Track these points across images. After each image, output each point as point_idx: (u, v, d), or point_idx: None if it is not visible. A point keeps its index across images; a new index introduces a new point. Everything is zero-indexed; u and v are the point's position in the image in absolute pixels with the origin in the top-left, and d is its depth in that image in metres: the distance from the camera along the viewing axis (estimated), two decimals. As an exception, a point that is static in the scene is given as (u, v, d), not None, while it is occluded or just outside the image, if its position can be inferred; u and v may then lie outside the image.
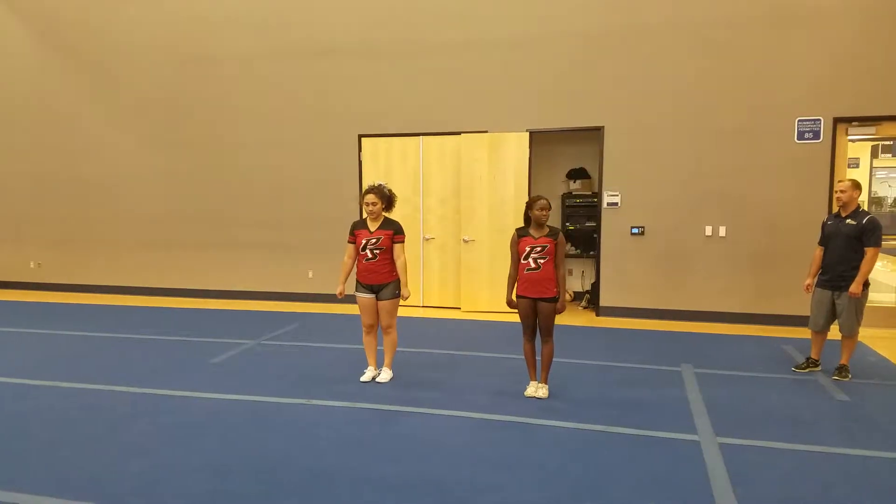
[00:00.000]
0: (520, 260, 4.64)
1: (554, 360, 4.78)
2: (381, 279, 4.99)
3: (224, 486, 3.35)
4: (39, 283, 10.13)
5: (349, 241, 5.10)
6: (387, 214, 5.08)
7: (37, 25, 9.63)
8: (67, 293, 9.83)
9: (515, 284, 4.73)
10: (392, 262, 5.02)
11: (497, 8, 7.90)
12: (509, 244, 4.76)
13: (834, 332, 5.37)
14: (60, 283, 10.01)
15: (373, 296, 5.01)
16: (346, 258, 5.15)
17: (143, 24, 9.14)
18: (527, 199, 5.78)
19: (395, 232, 5.01)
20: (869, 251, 5.01)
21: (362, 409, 4.51)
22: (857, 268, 5.03)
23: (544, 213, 4.60)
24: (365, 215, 5.08)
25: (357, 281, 5.07)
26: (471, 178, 8.04)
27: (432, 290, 8.54)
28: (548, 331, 4.63)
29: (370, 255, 4.97)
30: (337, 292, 5.11)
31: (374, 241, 4.95)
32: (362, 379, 5.11)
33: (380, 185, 5.06)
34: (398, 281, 5.04)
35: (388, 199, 5.04)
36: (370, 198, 4.95)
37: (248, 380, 5.24)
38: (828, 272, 5.22)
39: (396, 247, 5.01)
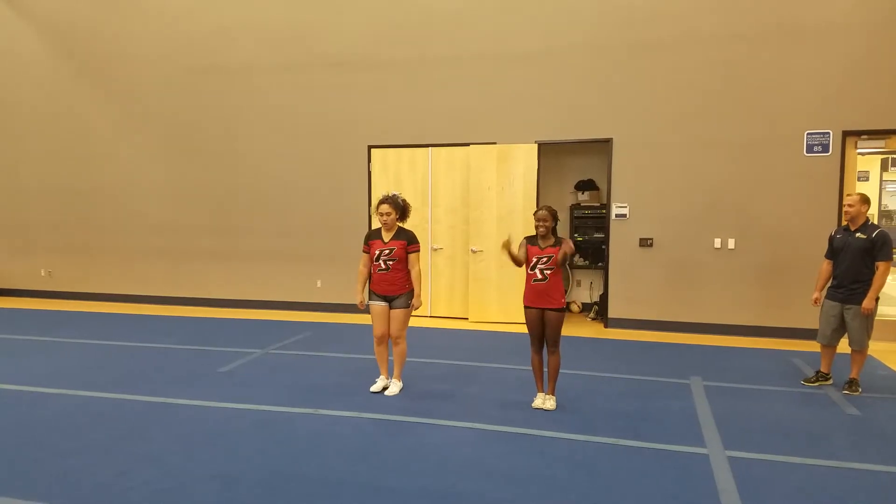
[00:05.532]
0: (527, 270, 4.66)
1: (562, 371, 4.78)
2: (395, 290, 4.98)
3: (233, 496, 3.36)
4: (50, 292, 10.21)
5: (364, 251, 5.11)
6: (401, 224, 5.07)
7: (50, 36, 9.76)
8: (77, 301, 9.90)
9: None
10: (405, 273, 5.00)
11: (507, 22, 7.95)
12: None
13: (843, 346, 5.35)
14: (70, 292, 10.09)
15: (386, 303, 5.02)
16: (361, 266, 5.15)
17: (156, 36, 9.25)
18: (534, 209, 5.76)
19: (408, 242, 4.98)
20: (881, 265, 5.00)
21: (370, 420, 4.51)
22: (868, 282, 5.02)
23: (541, 224, 4.57)
24: (378, 225, 5.07)
25: (370, 290, 5.08)
26: (479, 189, 8.07)
27: (440, 301, 8.55)
28: (555, 341, 4.63)
29: (383, 266, 4.96)
30: (357, 302, 5.10)
31: (387, 251, 4.94)
32: (373, 389, 5.10)
33: (394, 195, 5.03)
34: (412, 292, 5.03)
35: (401, 209, 5.03)
36: (384, 208, 4.93)
37: (257, 389, 5.25)
38: (840, 285, 5.19)
39: (411, 256, 5.00)
